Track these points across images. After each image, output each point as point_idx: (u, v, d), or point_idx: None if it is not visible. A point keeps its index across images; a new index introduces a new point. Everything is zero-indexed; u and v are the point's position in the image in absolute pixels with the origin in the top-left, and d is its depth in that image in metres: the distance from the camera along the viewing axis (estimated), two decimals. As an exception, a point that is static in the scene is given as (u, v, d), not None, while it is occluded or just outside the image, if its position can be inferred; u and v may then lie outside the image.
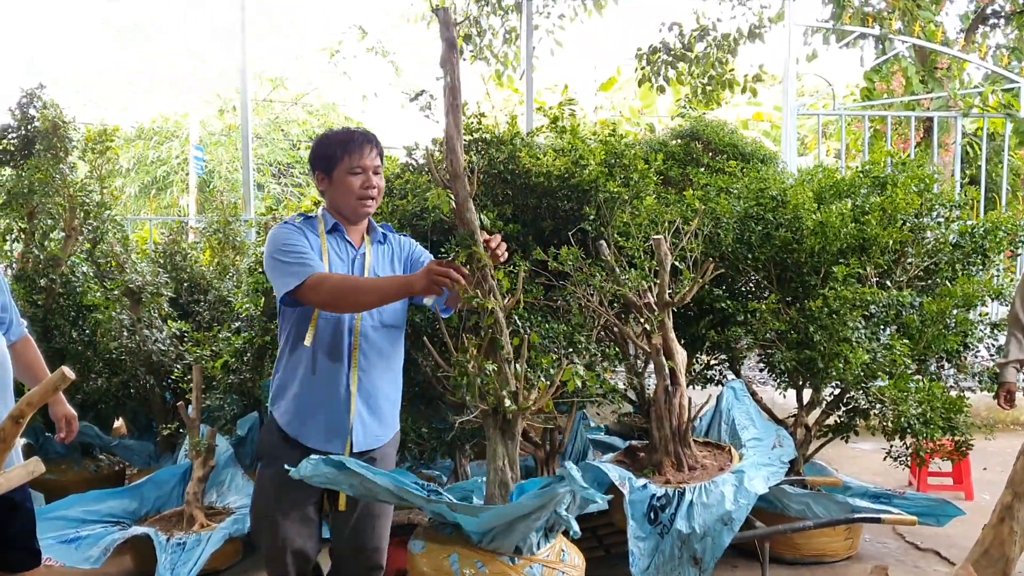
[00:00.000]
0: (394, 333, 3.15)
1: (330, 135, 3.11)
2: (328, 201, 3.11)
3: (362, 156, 3.02)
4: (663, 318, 4.08)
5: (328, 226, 3.08)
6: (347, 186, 3.02)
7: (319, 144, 3.10)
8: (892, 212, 4.66)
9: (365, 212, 3.08)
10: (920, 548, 4.98)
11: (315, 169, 3.09)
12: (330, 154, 3.03)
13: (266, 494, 3.09)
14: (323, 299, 2.87)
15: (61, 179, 5.82)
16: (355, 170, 3.02)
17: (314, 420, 3.03)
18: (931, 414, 4.26)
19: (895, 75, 10.22)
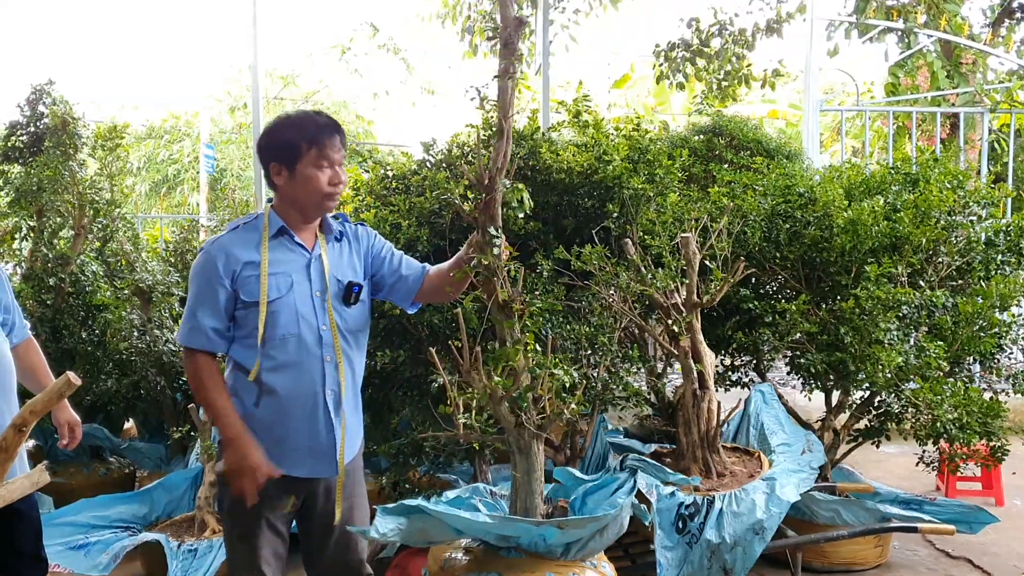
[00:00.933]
0: (360, 336, 2.88)
1: (290, 122, 2.75)
2: (283, 197, 2.76)
3: (331, 147, 2.70)
4: (691, 319, 3.94)
5: (273, 230, 2.74)
6: (313, 182, 2.69)
7: (278, 132, 2.74)
8: (926, 209, 4.52)
9: (329, 209, 2.79)
10: (952, 556, 4.84)
11: (271, 160, 2.73)
12: (293, 144, 2.68)
13: (241, 521, 2.75)
14: (187, 376, 2.74)
15: (70, 176, 5.72)
16: (322, 164, 2.70)
17: (292, 450, 2.73)
18: (967, 418, 4.12)
19: (920, 70, 10.04)
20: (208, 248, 2.71)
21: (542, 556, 2.99)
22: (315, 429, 2.74)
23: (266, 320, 2.65)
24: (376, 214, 4.23)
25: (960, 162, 6.93)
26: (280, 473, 2.68)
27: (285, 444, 2.72)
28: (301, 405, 2.72)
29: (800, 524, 4.20)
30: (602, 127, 4.51)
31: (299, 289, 2.72)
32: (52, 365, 5.43)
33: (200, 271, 2.69)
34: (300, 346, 2.69)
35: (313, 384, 2.72)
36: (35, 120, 6.33)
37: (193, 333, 2.67)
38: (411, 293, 2.98)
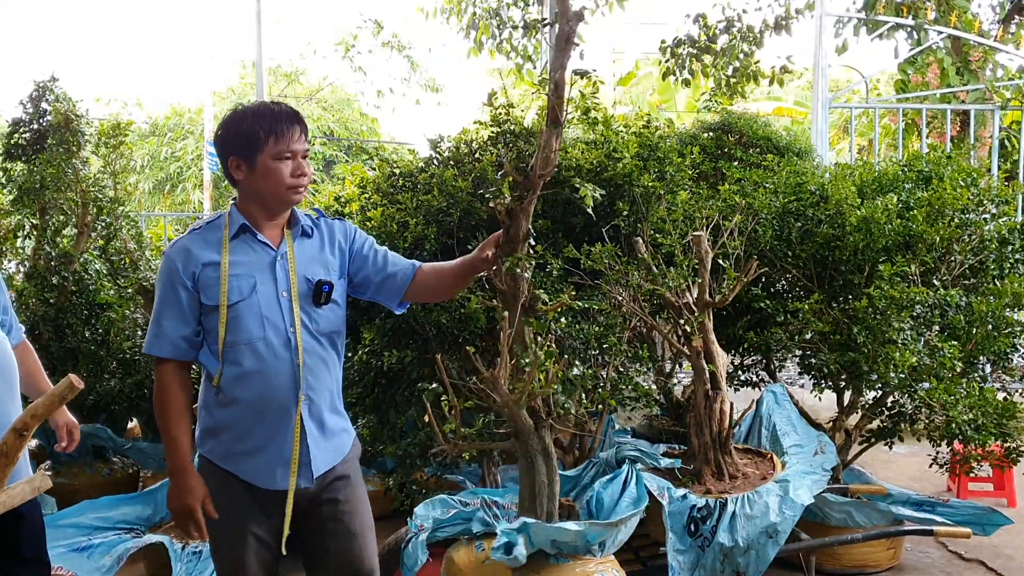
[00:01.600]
0: (336, 338, 2.71)
1: (247, 113, 2.58)
2: (244, 193, 2.60)
3: (291, 138, 2.54)
4: (703, 319, 3.88)
5: (234, 230, 2.59)
6: (275, 174, 2.53)
7: (234, 124, 2.57)
8: (939, 207, 4.46)
9: (295, 202, 2.63)
10: (964, 558, 4.79)
11: (229, 155, 2.57)
12: (251, 137, 2.52)
13: (226, 539, 2.62)
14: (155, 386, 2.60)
15: (73, 174, 5.67)
16: (283, 155, 2.54)
17: (266, 462, 2.58)
18: (983, 419, 4.06)
19: (930, 66, 9.97)
20: (168, 251, 2.60)
21: (582, 556, 3.03)
22: (288, 438, 2.57)
23: (227, 325, 2.51)
24: (383, 212, 4.17)
25: (971, 160, 6.86)
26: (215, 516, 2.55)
27: (258, 456, 2.56)
28: (272, 413, 2.55)
29: (812, 526, 4.14)
30: (611, 124, 4.45)
31: (263, 290, 2.56)
32: (55, 364, 5.48)
33: (162, 275, 2.59)
34: (268, 351, 2.53)
35: (284, 390, 2.55)
36: (38, 117, 6.28)
37: (157, 341, 2.55)
38: (399, 292, 2.81)
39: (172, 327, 2.53)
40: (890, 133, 12.18)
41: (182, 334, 2.54)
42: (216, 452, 2.60)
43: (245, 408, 2.54)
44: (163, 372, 2.56)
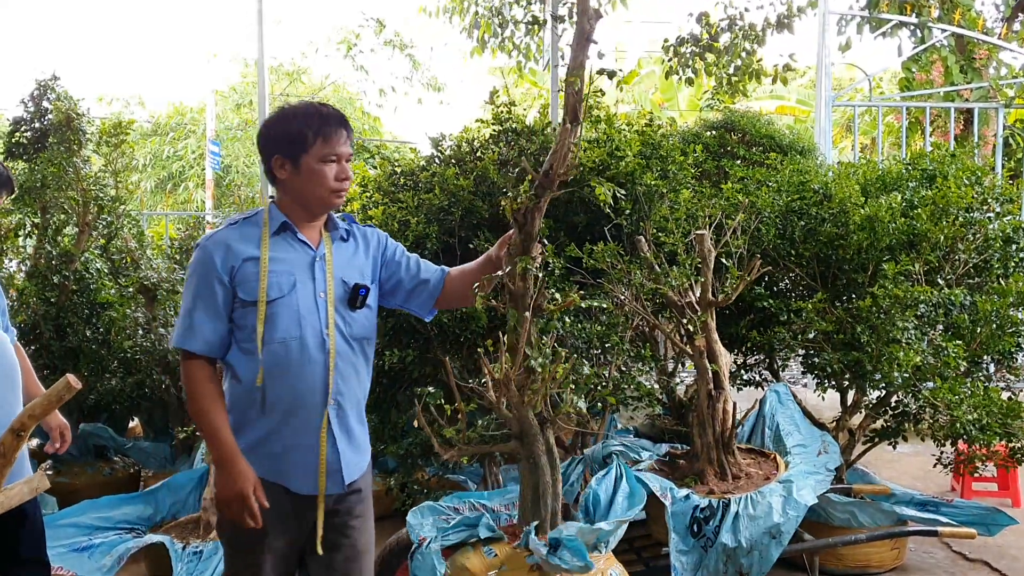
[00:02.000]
0: (366, 344, 2.68)
1: (296, 113, 2.56)
2: (286, 192, 2.58)
3: (338, 141, 2.53)
4: (706, 318, 3.86)
5: (275, 227, 2.55)
6: (319, 176, 2.51)
7: (282, 123, 2.56)
8: (944, 206, 4.44)
9: (336, 205, 2.61)
10: (969, 559, 4.76)
11: (274, 153, 2.55)
12: (299, 137, 2.51)
13: (244, 546, 2.55)
14: (183, 381, 2.51)
15: (74, 173, 5.65)
16: (329, 157, 2.52)
17: (295, 465, 2.54)
18: (987, 419, 4.03)
19: (934, 65, 9.92)
20: (205, 243, 2.51)
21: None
22: (318, 442, 2.54)
23: (265, 321, 2.46)
24: (384, 211, 4.16)
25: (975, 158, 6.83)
26: (267, 505, 2.47)
27: (286, 459, 2.53)
28: (303, 416, 2.52)
29: (815, 526, 4.12)
30: (614, 122, 4.43)
31: (302, 289, 2.52)
32: (56, 363, 5.47)
33: (196, 268, 2.49)
34: (302, 351, 2.50)
35: (315, 393, 2.52)
36: (39, 116, 6.28)
37: (188, 335, 2.47)
38: (432, 299, 2.79)
39: (205, 322, 2.47)
40: (894, 132, 12.14)
41: (215, 330, 2.48)
42: (241, 447, 2.51)
43: (278, 410, 2.49)
44: (193, 367, 2.49)
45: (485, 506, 3.57)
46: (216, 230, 2.58)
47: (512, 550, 3.10)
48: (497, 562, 3.09)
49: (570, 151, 2.69)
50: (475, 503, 3.55)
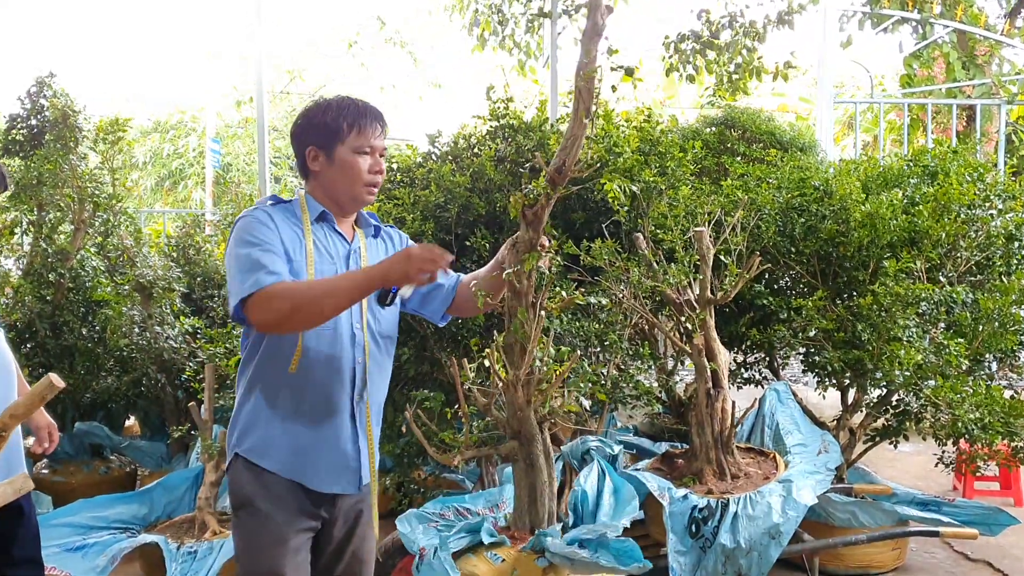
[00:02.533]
0: (390, 345, 2.63)
1: (333, 104, 2.51)
2: (318, 184, 2.52)
3: (373, 134, 2.48)
4: (705, 316, 3.82)
5: (315, 214, 2.50)
6: (353, 168, 2.45)
7: (318, 114, 2.50)
8: (946, 203, 4.39)
9: (368, 200, 2.55)
10: (971, 559, 4.74)
11: (308, 144, 2.49)
12: (334, 127, 2.46)
13: (262, 547, 2.43)
14: (270, 318, 2.26)
15: (70, 170, 5.61)
16: (363, 149, 2.46)
17: (314, 462, 2.46)
18: (990, 418, 3.99)
19: (936, 61, 9.87)
20: (253, 212, 2.42)
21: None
22: (343, 439, 2.47)
23: None
24: (379, 208, 4.12)
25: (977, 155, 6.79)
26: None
27: (310, 454, 2.44)
28: (331, 410, 2.45)
29: (815, 526, 4.09)
30: (612, 118, 4.38)
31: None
32: (51, 362, 5.44)
33: (252, 224, 2.36)
34: (335, 342, 2.44)
35: (345, 387, 2.46)
36: (36, 113, 6.25)
37: (262, 276, 2.25)
38: (444, 304, 2.73)
39: (275, 262, 2.31)
40: (895, 129, 12.08)
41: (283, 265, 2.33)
42: (258, 449, 2.43)
43: (309, 401, 2.43)
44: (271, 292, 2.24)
45: (469, 510, 3.51)
46: (254, 208, 2.48)
47: (519, 554, 3.04)
48: (507, 567, 3.02)
49: (581, 147, 2.64)
50: (459, 507, 3.49)
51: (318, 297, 2.24)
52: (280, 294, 2.23)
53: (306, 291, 2.26)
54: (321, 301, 2.24)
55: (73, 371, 5.42)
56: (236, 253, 2.33)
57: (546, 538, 2.94)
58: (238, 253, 2.32)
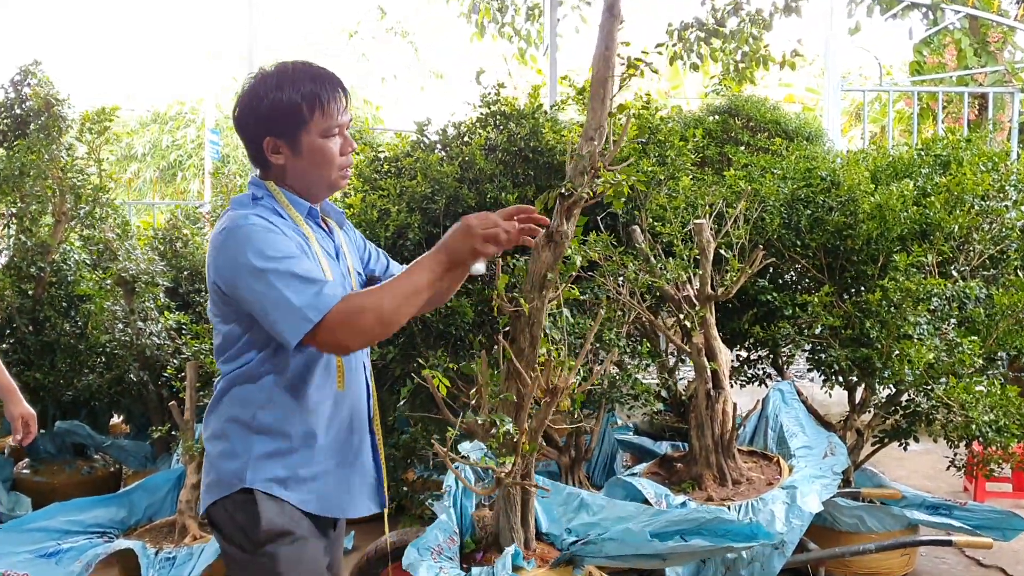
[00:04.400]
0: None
1: (282, 80, 2.09)
2: (285, 177, 2.14)
3: (338, 110, 2.11)
4: (705, 313, 3.64)
5: (303, 210, 2.15)
6: (326, 155, 2.10)
7: (267, 96, 2.08)
8: (959, 194, 4.22)
9: (343, 185, 2.23)
10: (983, 565, 4.58)
11: (265, 135, 2.10)
12: (293, 111, 2.06)
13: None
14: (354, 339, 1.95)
15: (51, 160, 5.44)
16: (332, 132, 2.10)
17: (349, 488, 2.19)
18: (1004, 420, 3.83)
19: (946, 48, 9.66)
20: (250, 220, 2.01)
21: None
22: (366, 453, 2.23)
23: None
24: (364, 198, 3.93)
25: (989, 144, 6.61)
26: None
27: (344, 480, 2.17)
28: (358, 425, 2.21)
29: (821, 531, 3.94)
30: (626, 104, 4.20)
31: (347, 281, 2.21)
32: (32, 358, 5.27)
33: (266, 236, 1.98)
34: (360, 355, 2.23)
35: (364, 397, 2.23)
36: (20, 102, 6.08)
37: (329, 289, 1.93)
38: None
39: (324, 273, 2.03)
40: (904, 119, 11.88)
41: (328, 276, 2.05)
42: (280, 477, 2.08)
43: (339, 416, 2.15)
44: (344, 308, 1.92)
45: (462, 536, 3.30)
46: (241, 213, 2.06)
47: (551, 571, 2.86)
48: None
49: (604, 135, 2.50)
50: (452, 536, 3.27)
51: (400, 302, 1.94)
52: (362, 307, 1.92)
53: (388, 298, 1.93)
54: (404, 306, 1.94)
55: (54, 368, 5.26)
56: (264, 272, 1.94)
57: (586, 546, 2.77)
58: (267, 271, 1.94)
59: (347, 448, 2.17)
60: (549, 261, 2.58)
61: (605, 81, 2.44)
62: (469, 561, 2.84)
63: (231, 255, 1.99)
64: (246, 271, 1.96)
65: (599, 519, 2.96)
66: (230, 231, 2.00)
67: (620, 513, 2.94)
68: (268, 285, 1.93)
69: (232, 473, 2.07)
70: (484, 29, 10.30)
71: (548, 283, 2.63)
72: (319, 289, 1.92)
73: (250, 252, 1.95)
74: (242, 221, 2.00)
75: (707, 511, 2.92)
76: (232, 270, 1.99)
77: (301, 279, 1.92)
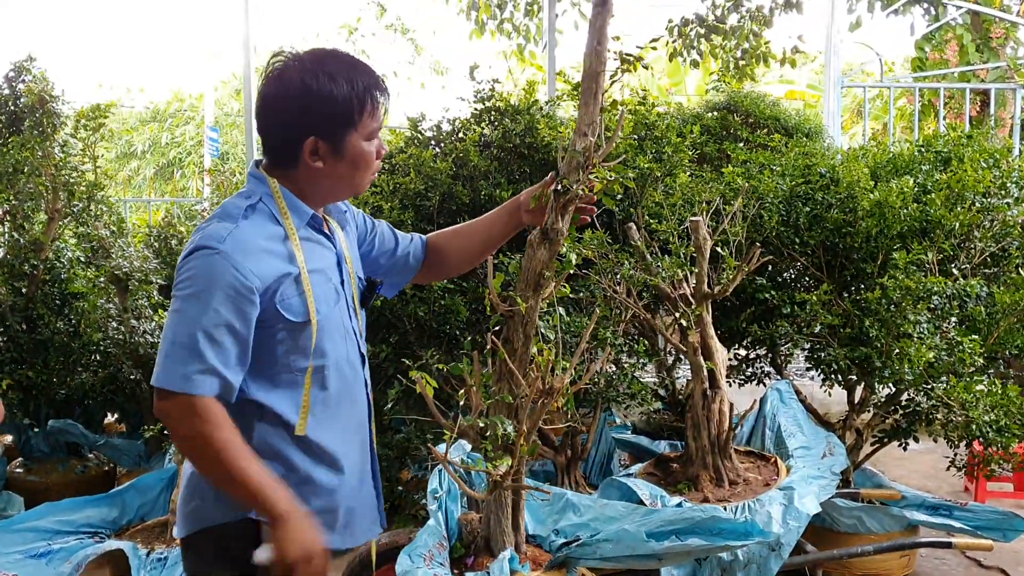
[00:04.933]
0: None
1: (336, 68, 1.87)
2: (309, 180, 1.93)
3: (382, 110, 1.94)
4: (701, 312, 3.59)
5: (304, 218, 1.94)
6: (367, 159, 1.92)
7: (325, 88, 1.85)
8: (960, 190, 4.17)
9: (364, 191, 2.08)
10: (983, 566, 4.54)
11: (310, 133, 1.87)
12: (347, 110, 1.86)
13: None
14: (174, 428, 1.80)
15: (44, 157, 5.40)
16: (375, 134, 1.93)
17: (355, 514, 2.07)
18: (1005, 420, 3.78)
19: (948, 43, 9.60)
20: (218, 246, 1.80)
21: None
22: (366, 473, 2.08)
23: (316, 344, 1.91)
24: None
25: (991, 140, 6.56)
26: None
27: (351, 508, 2.04)
28: (357, 452, 2.05)
29: (820, 532, 3.89)
30: (604, 101, 4.15)
31: (341, 296, 2.02)
32: (24, 356, 5.23)
33: (208, 278, 1.78)
34: (352, 373, 2.03)
35: (363, 422, 2.07)
36: (14, 99, 6.04)
37: (201, 377, 1.77)
38: (407, 276, 2.32)
39: (222, 357, 1.79)
40: (905, 116, 11.83)
41: (239, 368, 1.83)
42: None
43: (334, 453, 1.98)
44: (204, 408, 1.77)
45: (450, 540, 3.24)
46: (224, 229, 1.84)
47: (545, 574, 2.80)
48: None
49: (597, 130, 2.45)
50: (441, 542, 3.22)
51: (225, 465, 1.77)
52: (202, 421, 1.76)
53: (225, 449, 1.76)
54: (228, 471, 1.77)
55: (47, 366, 5.21)
56: (182, 310, 1.80)
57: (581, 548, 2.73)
58: (184, 306, 1.80)
59: (351, 472, 2.03)
60: (544, 259, 2.52)
61: (597, 76, 2.39)
62: (459, 566, 2.79)
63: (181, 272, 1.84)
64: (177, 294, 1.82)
65: (587, 520, 2.91)
66: (202, 254, 1.81)
67: (609, 513, 2.89)
68: (173, 322, 1.80)
69: (228, 501, 1.88)
70: (484, 26, 10.26)
71: (544, 281, 2.58)
72: (197, 369, 1.76)
73: (189, 283, 1.80)
74: (209, 241, 1.82)
75: (701, 510, 2.88)
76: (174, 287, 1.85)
77: (194, 347, 1.76)
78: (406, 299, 3.67)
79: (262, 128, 1.94)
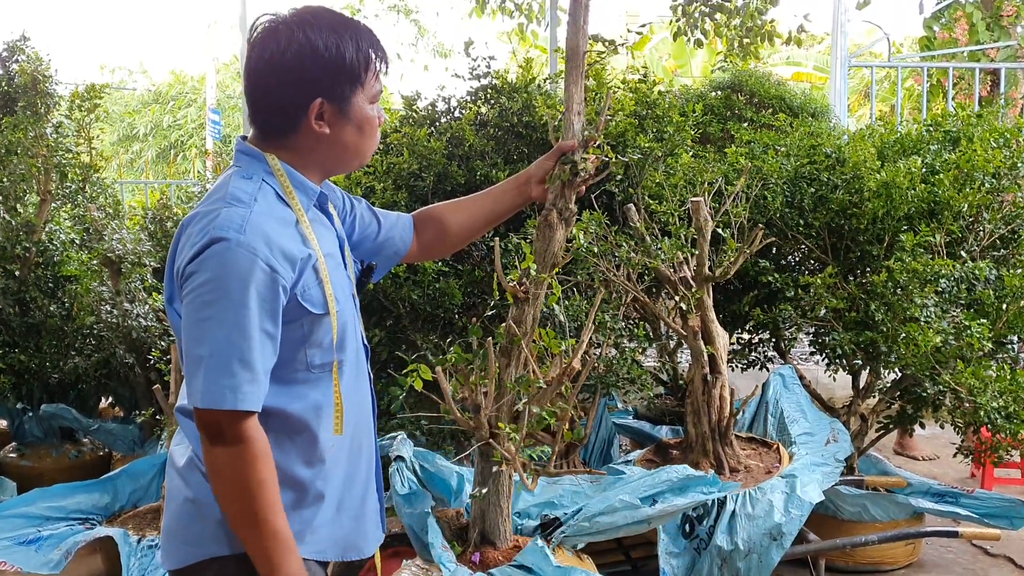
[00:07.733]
0: None
1: (338, 26, 1.70)
2: (310, 149, 1.74)
3: (385, 71, 1.80)
4: (702, 295, 3.50)
5: (312, 197, 1.77)
6: (373, 124, 1.78)
7: (332, 45, 1.68)
8: (969, 171, 4.07)
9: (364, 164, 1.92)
10: (990, 554, 4.49)
11: (317, 93, 1.68)
12: (355, 69, 1.70)
13: None
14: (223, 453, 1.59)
15: (37, 137, 5.32)
16: (377, 97, 1.79)
17: (363, 523, 1.89)
18: (1014, 406, 3.70)
19: (958, 22, 9.44)
20: (237, 236, 1.58)
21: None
22: (371, 478, 1.92)
23: (337, 336, 1.76)
24: (348, 175, 3.79)
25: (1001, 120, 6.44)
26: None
27: (357, 517, 1.87)
28: (365, 453, 1.89)
29: (823, 520, 3.84)
30: (603, 78, 4.04)
31: (349, 283, 1.88)
32: (17, 340, 5.17)
33: (239, 277, 1.57)
34: (361, 367, 1.88)
35: (369, 420, 1.91)
36: (7, 79, 5.97)
37: (251, 389, 1.58)
38: (394, 258, 2.14)
39: (264, 364, 1.61)
40: (913, 96, 11.67)
41: (269, 371, 1.65)
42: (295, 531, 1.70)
43: (345, 454, 1.82)
44: (250, 429, 1.59)
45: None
46: (237, 213, 1.61)
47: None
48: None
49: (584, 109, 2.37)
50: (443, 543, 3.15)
51: (254, 500, 1.59)
52: (249, 451, 1.58)
53: (261, 488, 1.59)
54: (252, 515, 1.60)
55: (40, 350, 5.15)
56: (213, 318, 1.57)
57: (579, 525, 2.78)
58: (216, 313, 1.57)
59: (357, 480, 1.87)
60: (562, 240, 2.46)
61: (582, 54, 2.30)
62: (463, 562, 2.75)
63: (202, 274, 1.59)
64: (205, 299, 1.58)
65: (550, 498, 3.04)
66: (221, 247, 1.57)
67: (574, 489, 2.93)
68: (204, 330, 1.57)
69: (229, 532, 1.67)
70: (484, 4, 10.12)
71: (559, 263, 2.51)
72: (243, 385, 1.57)
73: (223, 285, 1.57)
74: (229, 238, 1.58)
75: (675, 470, 3.05)
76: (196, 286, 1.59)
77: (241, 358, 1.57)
78: (399, 282, 3.58)
79: (253, 94, 1.73)
